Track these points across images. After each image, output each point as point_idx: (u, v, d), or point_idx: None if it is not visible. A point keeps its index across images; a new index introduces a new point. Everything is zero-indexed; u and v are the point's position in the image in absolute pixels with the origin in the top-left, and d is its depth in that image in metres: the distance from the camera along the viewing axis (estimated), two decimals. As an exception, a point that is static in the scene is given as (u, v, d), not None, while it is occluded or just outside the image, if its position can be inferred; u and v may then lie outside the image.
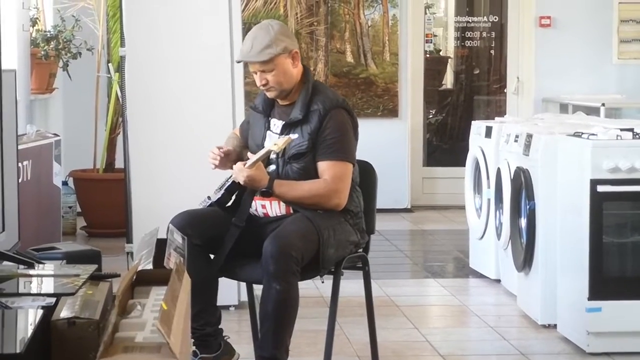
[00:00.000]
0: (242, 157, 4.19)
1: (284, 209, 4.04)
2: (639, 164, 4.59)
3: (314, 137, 4.00)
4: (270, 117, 4.16)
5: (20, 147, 5.07)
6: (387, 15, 9.18)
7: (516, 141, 5.51)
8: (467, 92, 10.01)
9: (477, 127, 6.45)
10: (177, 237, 3.16)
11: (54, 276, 2.76)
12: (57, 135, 6.73)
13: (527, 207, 5.23)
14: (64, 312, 2.27)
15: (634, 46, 9.13)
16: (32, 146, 5.94)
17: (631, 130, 4.76)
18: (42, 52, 7.27)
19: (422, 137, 9.54)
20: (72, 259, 3.99)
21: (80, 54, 7.62)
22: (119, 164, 7.44)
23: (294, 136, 4.01)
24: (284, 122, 4.08)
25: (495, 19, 9.59)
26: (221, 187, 4.11)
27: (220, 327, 4.12)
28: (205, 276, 3.94)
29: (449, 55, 10.03)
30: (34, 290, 2.69)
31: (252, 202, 4.07)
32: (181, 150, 5.30)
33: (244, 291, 4.93)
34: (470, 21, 9.67)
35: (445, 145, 9.94)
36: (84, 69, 7.90)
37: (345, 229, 4.01)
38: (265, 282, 3.78)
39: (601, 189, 4.57)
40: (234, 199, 4.12)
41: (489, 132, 6.19)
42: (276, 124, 4.12)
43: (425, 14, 9.52)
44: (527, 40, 9.23)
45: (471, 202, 6.50)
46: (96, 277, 2.70)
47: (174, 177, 5.29)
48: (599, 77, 9.10)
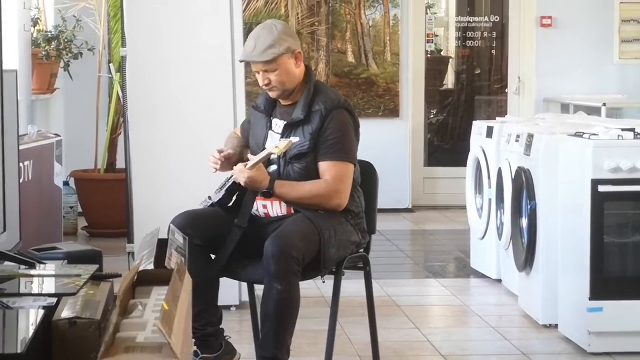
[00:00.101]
0: (242, 158, 4.19)
1: (285, 210, 4.04)
2: (640, 164, 4.60)
3: (315, 137, 4.00)
4: (272, 117, 4.16)
5: (21, 148, 5.07)
6: (389, 15, 9.18)
7: (517, 141, 5.51)
8: (468, 92, 10.01)
9: (479, 127, 6.44)
10: (179, 238, 3.15)
11: (56, 276, 2.76)
12: (59, 135, 6.73)
13: (529, 207, 5.23)
14: (65, 313, 2.27)
15: (635, 46, 9.12)
16: (34, 146, 5.94)
17: (632, 130, 4.76)
18: (44, 53, 7.27)
19: (424, 137, 9.53)
20: (74, 259, 3.99)
21: (81, 54, 7.62)
22: (120, 164, 7.44)
23: (295, 139, 4.00)
24: (286, 122, 4.08)
25: (496, 19, 9.59)
26: (222, 188, 4.11)
27: (221, 327, 4.12)
28: (206, 276, 3.94)
29: (450, 55, 10.02)
30: (36, 290, 2.69)
31: (254, 203, 4.07)
32: (182, 150, 5.30)
33: (245, 291, 4.93)
34: (471, 21, 9.66)
35: (446, 145, 9.94)
36: (86, 70, 7.91)
37: (346, 229, 4.01)
38: (266, 283, 3.78)
39: (602, 189, 4.56)
40: (235, 199, 4.12)
41: (490, 132, 6.19)
42: (278, 124, 4.12)
43: (426, 14, 9.51)
44: (528, 40, 9.22)
45: (472, 202, 6.50)
46: (97, 278, 2.70)
47: (175, 177, 5.29)
48: (600, 77, 9.09)
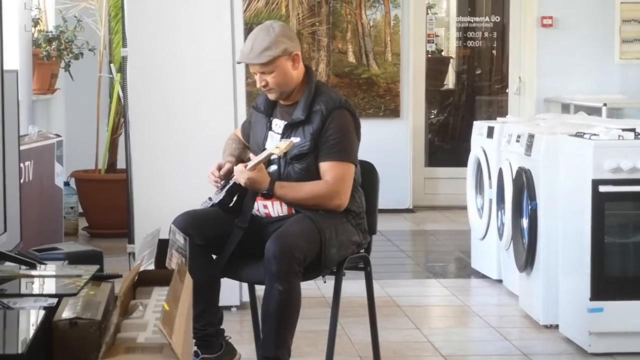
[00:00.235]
0: (243, 159, 4.19)
1: (285, 210, 4.04)
2: (640, 164, 4.60)
3: (316, 137, 3.99)
4: (272, 117, 4.15)
5: (22, 148, 5.07)
6: (389, 15, 9.18)
7: (518, 141, 5.51)
8: (468, 92, 10.01)
9: (479, 127, 6.44)
10: (179, 238, 3.15)
11: (56, 277, 2.77)
12: (59, 135, 6.73)
13: (529, 207, 5.23)
14: (66, 313, 2.27)
15: (635, 46, 9.12)
16: (34, 147, 5.94)
17: (633, 130, 4.76)
18: (44, 53, 7.27)
19: (424, 138, 9.53)
20: (74, 259, 4.00)
21: (82, 54, 7.62)
22: (121, 164, 7.44)
23: (296, 140, 4.00)
24: (286, 122, 4.07)
25: (497, 19, 9.59)
26: (222, 189, 4.10)
27: (222, 327, 4.12)
28: (207, 277, 3.94)
29: (450, 55, 10.02)
30: (36, 290, 2.69)
31: (254, 203, 4.06)
32: (183, 150, 5.30)
33: (245, 291, 4.93)
34: (472, 21, 9.66)
35: (447, 145, 9.94)
36: (86, 70, 7.91)
37: (347, 229, 4.01)
38: (267, 283, 3.78)
39: (603, 189, 4.56)
40: (235, 200, 4.11)
41: (490, 133, 6.19)
42: (278, 124, 4.12)
43: (427, 14, 9.51)
44: (528, 40, 9.22)
45: (473, 202, 6.50)
46: (98, 278, 2.70)
47: (175, 177, 5.29)
48: (601, 77, 9.10)
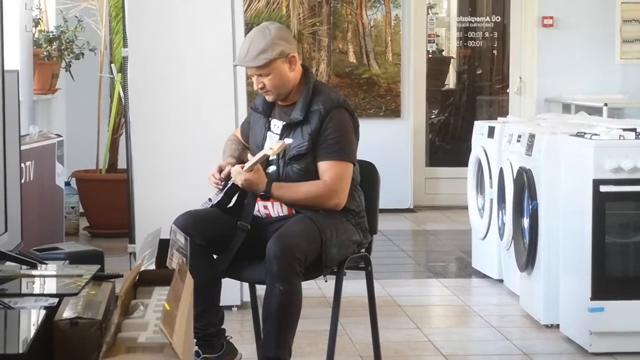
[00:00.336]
0: (243, 160, 4.18)
1: (286, 210, 4.04)
2: (641, 164, 4.60)
3: (314, 137, 3.99)
4: (270, 118, 4.15)
5: (22, 148, 5.07)
6: (390, 15, 9.18)
7: (519, 141, 5.51)
8: (469, 92, 10.01)
9: (480, 127, 6.44)
10: (180, 238, 3.15)
11: (57, 276, 2.76)
12: (60, 135, 6.73)
13: (530, 207, 5.23)
14: (67, 313, 2.27)
15: (636, 46, 9.12)
16: (35, 147, 5.94)
17: (634, 130, 4.76)
18: (45, 53, 7.27)
19: (425, 138, 9.53)
20: (75, 259, 4.00)
21: (82, 54, 7.62)
22: (122, 164, 7.44)
23: (289, 141, 4.00)
24: (285, 122, 4.07)
25: (497, 19, 9.59)
26: (221, 189, 4.10)
27: (222, 327, 4.12)
28: (208, 276, 3.94)
29: (451, 55, 10.02)
30: (37, 290, 2.69)
31: (255, 204, 4.06)
32: (184, 150, 5.30)
33: (246, 291, 4.93)
34: (472, 21, 9.66)
35: (447, 145, 9.94)
36: (87, 70, 7.91)
37: (347, 228, 4.01)
38: (268, 283, 3.78)
39: (604, 189, 4.56)
40: (235, 200, 4.11)
41: (491, 132, 6.19)
42: (276, 124, 4.12)
43: (427, 14, 9.51)
44: (529, 40, 9.22)
45: (474, 202, 6.50)
46: (99, 278, 2.69)
47: (176, 177, 5.29)
48: (602, 77, 9.09)
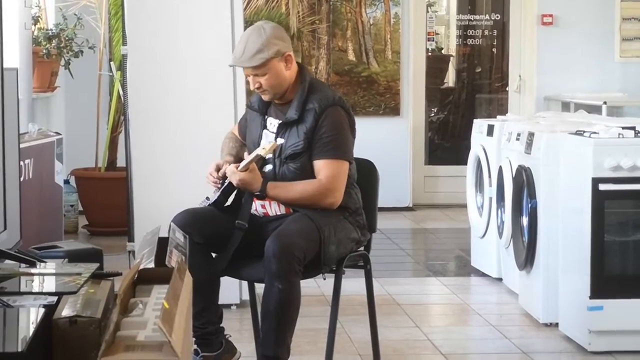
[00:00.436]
0: (241, 158, 4.18)
1: (283, 209, 4.03)
2: (640, 163, 4.60)
3: (309, 136, 3.98)
4: (266, 116, 4.14)
5: (22, 146, 5.06)
6: (389, 13, 9.18)
7: (518, 139, 5.51)
8: (468, 90, 10.00)
9: (479, 125, 6.44)
10: (179, 236, 3.16)
11: (56, 275, 2.76)
12: (59, 133, 6.72)
13: (529, 205, 5.23)
14: (66, 311, 2.28)
15: (636, 44, 9.12)
16: (34, 145, 5.93)
17: (633, 128, 4.76)
18: (44, 51, 7.26)
19: (424, 136, 9.53)
20: (74, 257, 3.98)
21: (82, 52, 7.61)
22: (121, 162, 7.44)
23: (280, 141, 4.00)
24: (280, 121, 4.07)
25: (497, 17, 9.59)
26: (219, 188, 4.10)
27: (221, 325, 4.12)
28: (206, 275, 3.93)
29: (450, 53, 10.02)
30: (36, 288, 2.69)
31: (253, 203, 4.06)
32: (183, 148, 5.30)
33: (245, 290, 4.93)
34: (472, 19, 9.66)
35: (447, 143, 9.94)
36: (86, 68, 7.90)
37: (345, 226, 4.01)
38: (267, 281, 3.78)
39: (603, 187, 4.56)
40: (232, 199, 4.11)
41: (490, 131, 6.19)
42: (273, 122, 4.11)
43: (427, 12, 9.51)
44: (529, 38, 9.22)
45: (473, 200, 6.50)
46: (98, 276, 2.70)
47: (175, 175, 5.29)
48: (601, 76, 9.09)
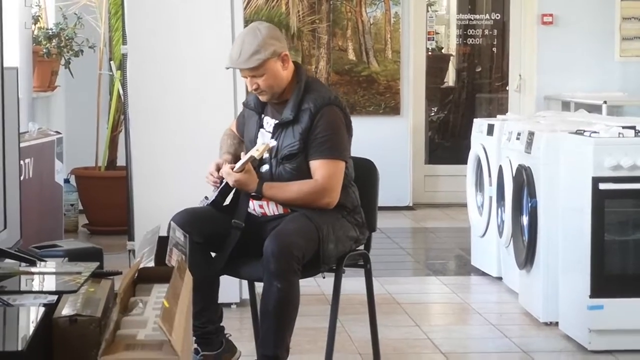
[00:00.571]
0: (239, 156, 4.16)
1: (281, 209, 4.03)
2: (640, 162, 4.60)
3: (305, 136, 3.97)
4: (263, 115, 4.14)
5: (22, 145, 5.06)
6: (389, 12, 9.18)
7: (518, 139, 5.51)
8: (469, 89, 10.01)
9: (479, 124, 6.44)
10: (179, 235, 3.16)
11: (56, 274, 2.76)
12: (59, 133, 6.72)
13: (529, 204, 5.23)
14: (66, 310, 2.28)
15: (636, 44, 9.12)
16: (34, 144, 5.93)
17: (633, 127, 4.75)
18: (44, 50, 7.26)
19: (424, 135, 9.53)
20: (74, 256, 3.98)
21: (82, 51, 7.61)
22: (121, 161, 7.44)
23: (273, 143, 4.00)
24: (276, 121, 4.06)
25: (497, 16, 9.59)
26: (218, 187, 4.10)
27: (221, 324, 4.12)
28: (206, 274, 3.93)
29: (451, 53, 10.02)
30: (36, 287, 2.69)
31: (250, 202, 4.06)
32: (183, 147, 5.30)
33: (245, 289, 4.93)
34: (472, 19, 9.66)
35: (447, 143, 9.94)
36: (86, 67, 7.90)
37: (343, 224, 4.00)
38: (266, 281, 3.78)
39: (603, 186, 4.56)
40: (231, 199, 4.11)
41: (490, 130, 6.19)
42: (269, 122, 4.10)
43: (427, 11, 9.51)
44: (529, 37, 9.22)
45: (473, 199, 6.50)
46: (98, 275, 2.70)
47: (175, 174, 5.29)
48: (601, 75, 9.09)
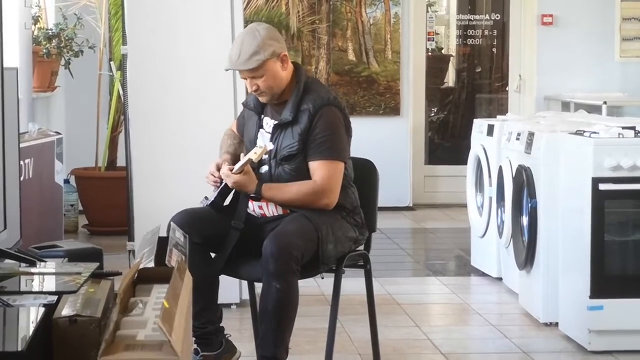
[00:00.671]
0: (239, 156, 4.17)
1: (281, 209, 4.03)
2: (640, 162, 4.60)
3: (304, 137, 3.97)
4: (263, 115, 4.14)
5: (22, 145, 5.06)
6: (389, 13, 9.18)
7: (518, 139, 5.51)
8: (469, 90, 10.01)
9: (479, 125, 6.44)
10: (179, 235, 3.15)
11: (56, 274, 2.77)
12: (59, 133, 6.72)
13: (529, 205, 5.23)
14: (66, 310, 2.28)
15: (636, 44, 9.12)
16: (34, 144, 5.93)
17: (633, 128, 4.76)
18: (44, 50, 7.26)
19: (424, 135, 9.53)
20: (74, 257, 3.99)
21: (82, 52, 7.61)
22: (121, 162, 7.44)
23: (270, 146, 4.00)
24: (276, 122, 4.06)
25: (497, 17, 9.59)
26: (218, 187, 4.10)
27: (221, 325, 4.12)
28: (206, 274, 3.93)
29: (450, 53, 10.02)
30: (36, 288, 2.70)
31: (249, 203, 4.06)
32: (183, 148, 5.30)
33: (245, 289, 4.93)
34: (472, 19, 9.66)
35: (447, 143, 9.94)
36: (86, 67, 7.90)
37: (343, 225, 4.00)
38: (265, 281, 3.78)
39: (603, 187, 4.56)
40: (230, 199, 4.11)
41: (490, 130, 6.19)
42: (269, 122, 4.10)
43: (427, 12, 9.51)
44: (529, 38, 9.22)
45: (473, 200, 6.50)
46: (98, 275, 2.70)
47: (175, 175, 5.29)
48: (601, 75, 9.09)
